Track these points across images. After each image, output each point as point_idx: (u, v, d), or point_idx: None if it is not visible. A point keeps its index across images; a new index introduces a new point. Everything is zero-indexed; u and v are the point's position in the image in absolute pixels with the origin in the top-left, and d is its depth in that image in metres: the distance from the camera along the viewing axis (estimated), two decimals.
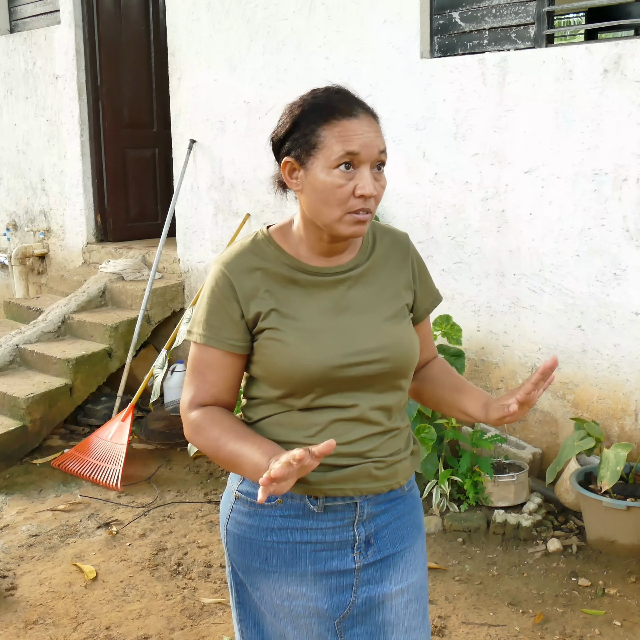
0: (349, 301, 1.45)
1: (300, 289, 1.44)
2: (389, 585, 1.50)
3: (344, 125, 1.34)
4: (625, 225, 3.37)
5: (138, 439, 4.55)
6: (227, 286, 1.42)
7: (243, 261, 1.44)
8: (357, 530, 1.48)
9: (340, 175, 1.34)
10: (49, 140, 5.98)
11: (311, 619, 1.47)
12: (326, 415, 1.43)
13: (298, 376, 1.39)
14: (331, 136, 1.34)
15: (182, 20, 4.90)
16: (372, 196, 1.36)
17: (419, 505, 1.61)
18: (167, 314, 5.10)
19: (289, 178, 1.41)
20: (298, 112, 1.39)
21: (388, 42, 3.98)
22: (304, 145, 1.36)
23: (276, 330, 1.41)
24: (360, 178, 1.35)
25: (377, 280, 1.49)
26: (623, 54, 3.28)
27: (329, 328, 1.42)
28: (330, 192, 1.35)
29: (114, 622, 2.87)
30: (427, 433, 3.34)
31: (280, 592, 1.48)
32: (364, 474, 1.45)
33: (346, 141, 1.33)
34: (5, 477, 4.15)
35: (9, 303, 5.64)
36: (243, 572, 1.53)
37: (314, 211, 1.39)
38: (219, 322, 1.43)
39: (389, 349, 1.44)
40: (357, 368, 1.42)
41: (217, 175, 4.88)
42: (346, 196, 1.35)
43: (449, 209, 3.87)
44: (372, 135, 1.35)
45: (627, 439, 3.47)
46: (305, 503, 1.45)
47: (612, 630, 2.75)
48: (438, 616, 2.84)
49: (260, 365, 1.44)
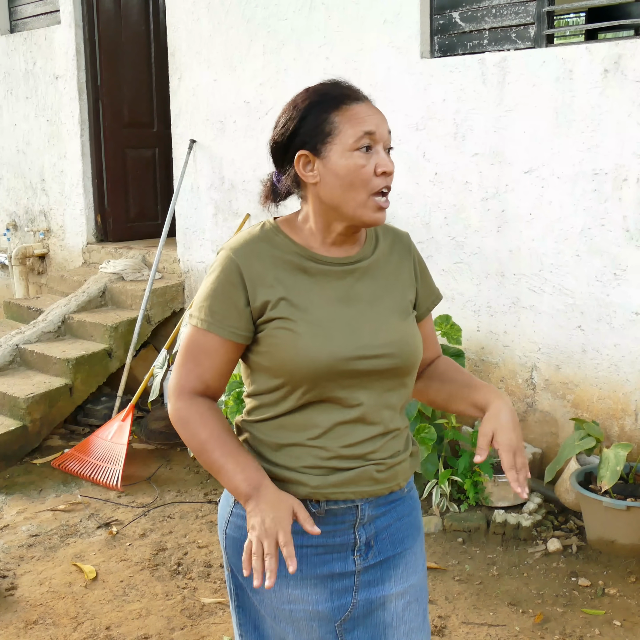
0: (357, 293, 1.45)
1: (309, 277, 1.43)
2: (389, 587, 1.50)
3: (355, 109, 1.37)
4: (625, 225, 3.37)
5: (138, 439, 4.55)
6: (235, 272, 1.40)
7: (252, 247, 1.43)
8: (358, 532, 1.47)
9: (360, 156, 1.36)
10: (49, 140, 5.98)
11: (312, 622, 1.47)
12: (329, 416, 1.42)
13: (306, 367, 1.37)
14: (345, 121, 1.36)
15: (182, 20, 4.90)
16: (392, 173, 1.39)
17: (417, 507, 1.61)
18: (167, 314, 5.10)
19: (304, 172, 1.40)
20: (305, 105, 1.39)
21: (388, 42, 3.97)
22: (319, 134, 1.37)
23: (287, 320, 1.39)
24: (379, 157, 1.38)
25: (382, 275, 1.49)
26: (623, 54, 3.28)
27: (338, 319, 1.41)
28: (354, 174, 1.36)
29: (114, 622, 2.87)
30: (427, 433, 3.34)
31: (281, 595, 1.47)
32: (365, 477, 1.44)
33: (361, 123, 1.36)
34: (5, 477, 4.15)
35: (9, 303, 5.64)
36: (243, 576, 1.52)
37: (337, 199, 1.39)
38: (223, 308, 1.40)
39: (396, 344, 1.44)
40: (366, 362, 1.41)
41: (217, 175, 4.88)
42: (369, 176, 1.37)
43: (449, 209, 3.87)
44: (380, 117, 1.40)
45: (627, 439, 3.47)
46: (307, 507, 1.44)
47: (612, 630, 2.75)
48: (438, 616, 2.84)
49: (268, 356, 1.41)
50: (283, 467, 1.44)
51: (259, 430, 1.47)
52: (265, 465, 1.45)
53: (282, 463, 1.44)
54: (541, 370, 3.70)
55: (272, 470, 1.44)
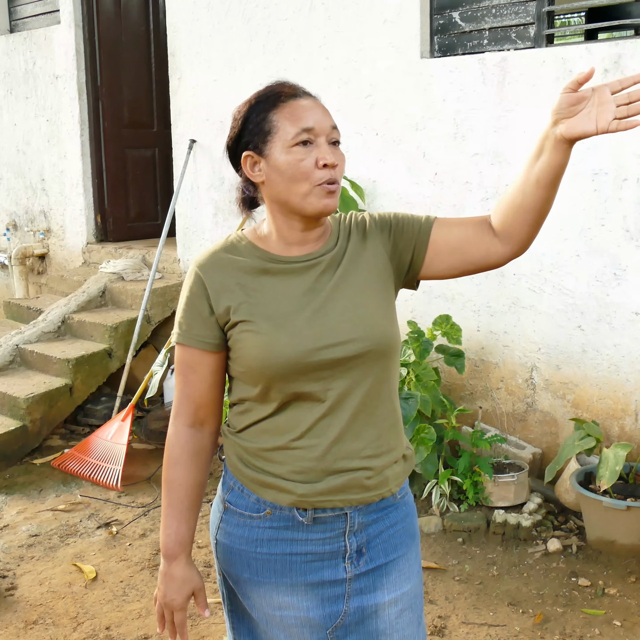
0: (321, 285, 1.43)
1: (271, 277, 1.43)
2: (381, 594, 1.48)
3: (292, 105, 1.38)
4: (625, 225, 3.37)
5: (138, 438, 4.55)
6: (199, 284, 1.44)
7: (215, 258, 1.46)
8: (349, 540, 1.46)
9: (299, 151, 1.37)
10: (49, 140, 5.98)
11: (303, 629, 1.46)
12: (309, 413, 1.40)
13: (274, 364, 1.37)
14: (283, 118, 1.38)
15: (182, 20, 4.90)
16: (334, 165, 1.38)
17: (412, 513, 1.56)
18: (167, 314, 5.10)
19: (251, 172, 1.43)
20: (246, 108, 1.43)
21: (388, 42, 3.97)
22: (259, 134, 1.40)
23: (248, 322, 1.40)
24: (319, 150, 1.38)
25: (346, 261, 1.47)
26: (623, 54, 3.28)
27: (301, 312, 1.41)
28: (294, 168, 1.37)
29: (114, 622, 2.87)
30: (427, 433, 3.34)
31: (272, 602, 1.46)
32: (354, 484, 1.42)
33: (298, 119, 1.37)
34: (5, 477, 4.15)
35: (9, 303, 5.64)
36: (234, 582, 1.52)
37: (283, 194, 1.40)
38: (190, 319, 1.44)
39: (362, 327, 1.41)
40: (333, 349, 1.39)
41: (217, 175, 4.88)
42: (309, 169, 1.37)
43: (449, 209, 3.87)
44: (320, 111, 1.40)
45: (627, 439, 3.47)
46: (294, 515, 1.43)
47: (612, 630, 2.75)
48: (438, 616, 2.84)
49: (239, 361, 1.43)
50: (269, 473, 1.43)
51: (242, 438, 1.47)
52: (250, 472, 1.45)
53: (268, 469, 1.43)
54: (541, 370, 3.70)
55: (257, 477, 1.44)
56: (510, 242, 1.43)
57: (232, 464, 1.49)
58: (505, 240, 1.43)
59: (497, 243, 1.43)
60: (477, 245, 1.44)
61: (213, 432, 1.52)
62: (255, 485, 1.45)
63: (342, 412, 1.41)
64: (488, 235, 1.44)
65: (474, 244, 1.44)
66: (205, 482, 1.52)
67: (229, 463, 1.51)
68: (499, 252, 1.44)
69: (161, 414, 4.60)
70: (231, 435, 1.49)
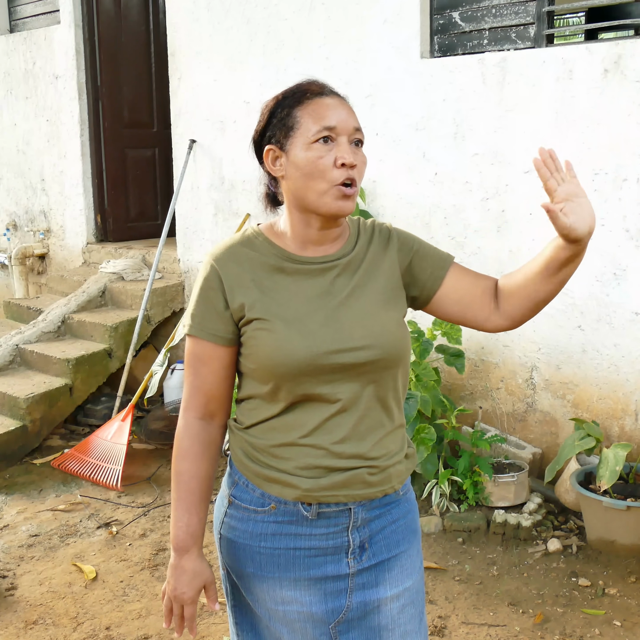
0: (336, 289, 1.45)
1: (287, 277, 1.44)
2: (384, 590, 1.49)
3: (317, 103, 1.40)
4: (625, 225, 3.37)
5: (138, 438, 4.55)
6: (214, 277, 1.44)
7: (231, 252, 1.46)
8: (352, 535, 1.47)
9: (319, 148, 1.38)
10: (49, 140, 5.98)
11: (306, 624, 1.47)
12: (318, 413, 1.42)
13: (286, 363, 1.38)
14: (307, 115, 1.39)
15: (182, 20, 4.90)
16: (352, 165, 1.38)
17: (414, 509, 1.59)
18: (167, 314, 5.10)
19: (272, 166, 1.44)
20: (272, 103, 1.45)
21: (388, 42, 3.97)
22: (282, 129, 1.41)
23: (263, 320, 1.41)
24: (339, 149, 1.38)
25: (363, 269, 1.48)
26: (623, 54, 3.28)
27: (315, 314, 1.42)
28: (312, 165, 1.38)
29: (114, 622, 2.87)
30: (427, 433, 3.34)
31: (275, 597, 1.47)
32: (357, 480, 1.44)
33: (321, 117, 1.38)
34: (5, 477, 4.15)
35: (9, 303, 5.64)
36: (237, 577, 1.53)
37: (300, 191, 1.40)
38: (204, 312, 1.44)
39: (376, 335, 1.42)
40: (345, 355, 1.40)
41: (217, 175, 4.88)
42: (328, 167, 1.37)
43: (449, 209, 3.87)
44: (345, 111, 1.41)
45: (627, 439, 3.47)
46: (299, 509, 1.44)
47: (612, 630, 2.75)
48: (438, 616, 2.84)
49: (251, 358, 1.43)
50: (275, 469, 1.44)
51: (250, 434, 1.47)
52: (256, 467, 1.46)
53: (274, 465, 1.44)
54: (541, 370, 3.70)
55: (263, 472, 1.45)
56: (509, 319, 1.51)
57: (237, 458, 1.50)
58: (505, 316, 1.51)
59: (498, 314, 1.50)
60: (480, 308, 1.50)
61: (222, 426, 1.52)
62: (260, 480, 1.46)
63: (350, 414, 1.43)
64: (493, 303, 1.51)
65: (478, 306, 1.51)
66: (214, 475, 1.52)
67: (234, 458, 1.51)
68: (496, 323, 1.51)
69: (161, 414, 4.60)
70: (238, 431, 1.50)
